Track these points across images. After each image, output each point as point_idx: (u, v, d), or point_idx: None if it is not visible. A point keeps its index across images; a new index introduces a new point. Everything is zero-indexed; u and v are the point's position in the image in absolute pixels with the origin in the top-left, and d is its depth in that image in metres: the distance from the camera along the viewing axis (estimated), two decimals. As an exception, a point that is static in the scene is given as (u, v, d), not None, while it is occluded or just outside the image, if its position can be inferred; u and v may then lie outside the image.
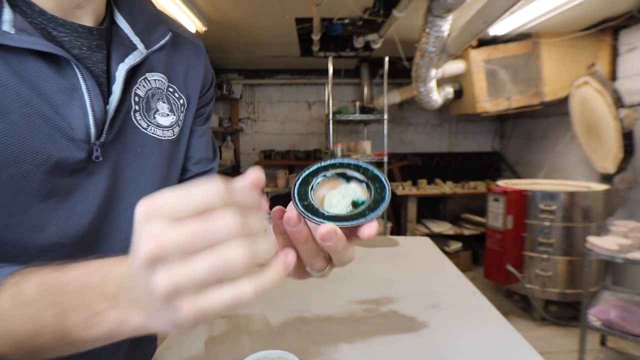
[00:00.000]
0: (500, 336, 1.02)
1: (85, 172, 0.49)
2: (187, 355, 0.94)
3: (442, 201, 5.05)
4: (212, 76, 0.68)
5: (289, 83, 5.30)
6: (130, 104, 0.53)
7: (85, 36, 0.48)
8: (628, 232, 2.32)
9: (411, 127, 5.35)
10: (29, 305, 0.32)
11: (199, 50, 0.65)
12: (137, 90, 0.54)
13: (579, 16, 2.98)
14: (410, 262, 1.66)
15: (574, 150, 3.72)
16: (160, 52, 0.56)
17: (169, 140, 0.58)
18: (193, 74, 0.62)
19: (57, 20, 0.45)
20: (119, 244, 0.54)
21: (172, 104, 0.58)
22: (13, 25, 0.42)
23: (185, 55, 0.62)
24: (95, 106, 0.47)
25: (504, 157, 5.18)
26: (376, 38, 3.43)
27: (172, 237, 0.26)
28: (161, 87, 0.57)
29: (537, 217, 3.01)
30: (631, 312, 2.07)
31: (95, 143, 0.48)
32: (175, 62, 0.60)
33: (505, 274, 3.08)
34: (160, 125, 0.57)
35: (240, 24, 3.36)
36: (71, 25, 0.46)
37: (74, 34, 0.47)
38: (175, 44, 0.60)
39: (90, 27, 0.48)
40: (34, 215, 0.45)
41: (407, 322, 1.10)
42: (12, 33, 0.41)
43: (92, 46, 0.49)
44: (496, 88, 3.63)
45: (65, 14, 0.46)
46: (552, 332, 2.91)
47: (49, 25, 0.45)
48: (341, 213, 0.36)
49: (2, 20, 0.41)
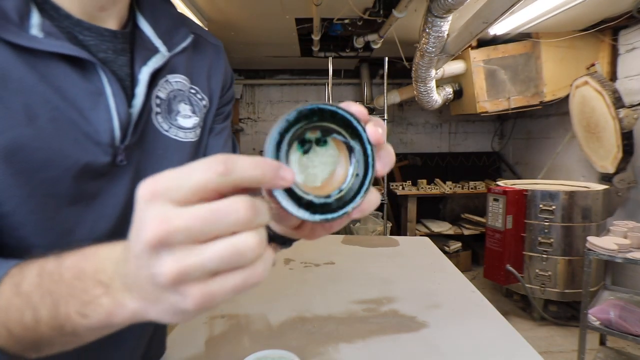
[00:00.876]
0: (500, 336, 1.02)
1: (110, 175, 0.49)
2: (187, 355, 0.94)
3: (442, 201, 5.05)
4: (232, 76, 0.68)
5: (289, 83, 5.30)
6: (151, 107, 0.52)
7: (110, 39, 0.48)
8: (627, 232, 2.32)
9: (411, 127, 5.35)
10: (27, 295, 0.32)
11: (219, 51, 0.65)
12: (159, 93, 0.53)
13: (579, 16, 2.98)
14: (410, 262, 1.66)
15: (573, 150, 3.72)
16: (182, 53, 0.56)
17: (191, 142, 0.57)
18: (214, 74, 0.62)
19: (83, 23, 0.46)
20: None
21: (194, 105, 0.58)
22: (41, 29, 0.42)
23: (206, 56, 0.62)
24: (120, 110, 0.47)
25: (504, 157, 5.19)
26: (376, 38, 3.43)
27: (180, 221, 0.24)
28: (183, 88, 0.57)
29: (536, 217, 3.01)
30: (631, 312, 2.07)
31: (119, 147, 0.48)
32: (197, 64, 0.60)
33: (505, 274, 3.09)
34: (182, 127, 0.56)
35: (240, 24, 3.36)
36: (97, 29, 0.47)
37: (100, 38, 0.47)
38: (197, 45, 0.60)
39: (115, 31, 0.49)
40: (63, 219, 0.45)
41: (407, 321, 1.11)
42: (41, 37, 0.41)
43: (117, 49, 0.49)
44: (496, 88, 3.63)
45: (90, 17, 0.46)
46: (551, 332, 2.91)
47: (75, 29, 0.45)
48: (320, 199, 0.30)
49: (31, 24, 0.41)
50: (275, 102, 5.33)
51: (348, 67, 5.09)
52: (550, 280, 2.99)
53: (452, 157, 5.29)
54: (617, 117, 2.82)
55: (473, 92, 3.66)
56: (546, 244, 2.99)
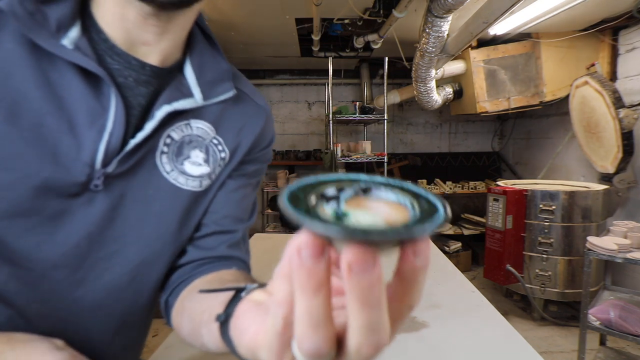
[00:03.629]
0: (500, 336, 1.02)
1: (81, 199, 0.47)
2: (187, 355, 0.94)
3: (442, 201, 5.05)
4: (270, 140, 0.65)
5: (289, 83, 5.30)
6: (156, 144, 0.51)
7: (136, 69, 0.48)
8: (627, 232, 2.32)
9: (411, 127, 5.35)
10: None
11: (261, 112, 0.62)
12: (172, 133, 0.52)
13: (579, 16, 2.98)
14: (410, 262, 1.65)
15: (573, 150, 3.73)
16: (217, 104, 0.55)
17: (191, 191, 0.54)
18: (247, 131, 0.60)
19: (115, 49, 0.47)
20: (100, 288, 0.50)
21: (210, 155, 0.56)
22: (73, 43, 0.43)
23: (243, 112, 0.60)
24: (115, 134, 0.46)
25: (504, 157, 5.19)
26: (376, 38, 3.43)
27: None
28: (204, 136, 0.55)
29: (536, 217, 3.01)
30: (631, 312, 2.07)
31: (98, 170, 0.46)
32: (231, 117, 0.58)
33: (505, 274, 3.09)
34: (186, 173, 0.54)
35: (240, 24, 3.36)
36: (126, 56, 0.47)
37: (125, 65, 0.48)
38: (238, 101, 0.59)
39: (144, 62, 0.49)
40: (24, 240, 0.45)
41: (407, 322, 1.10)
42: (67, 48, 0.43)
43: (140, 80, 0.49)
44: (496, 88, 3.63)
45: (131, 48, 0.47)
46: (551, 332, 2.91)
47: (106, 52, 0.47)
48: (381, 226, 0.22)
49: (66, 36, 0.43)
50: (275, 102, 5.33)
51: (348, 67, 5.09)
52: (550, 280, 2.99)
53: (452, 157, 5.29)
54: (617, 117, 2.82)
55: (473, 92, 3.66)
56: (546, 244, 2.99)
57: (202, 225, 0.58)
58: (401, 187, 0.25)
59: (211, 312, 0.40)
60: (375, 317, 0.22)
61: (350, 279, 0.21)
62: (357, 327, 0.22)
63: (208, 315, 0.41)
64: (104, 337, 0.54)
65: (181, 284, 0.56)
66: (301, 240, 0.21)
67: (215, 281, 0.52)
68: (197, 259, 0.57)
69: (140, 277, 0.53)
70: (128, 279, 0.52)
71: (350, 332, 0.22)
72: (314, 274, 0.21)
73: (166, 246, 0.54)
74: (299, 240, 0.22)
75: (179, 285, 0.56)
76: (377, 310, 0.21)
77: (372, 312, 0.21)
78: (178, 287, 0.56)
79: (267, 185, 4.84)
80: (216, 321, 0.38)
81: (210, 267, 0.57)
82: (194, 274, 0.56)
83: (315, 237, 0.21)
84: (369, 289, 0.21)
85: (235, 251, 0.59)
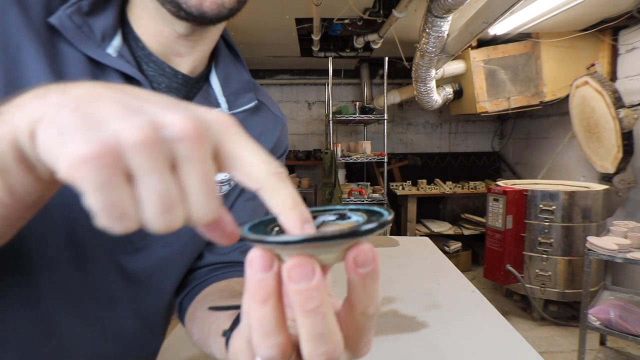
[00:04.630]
0: (500, 336, 1.02)
1: None
2: (187, 355, 0.94)
3: (442, 201, 5.05)
4: (285, 149, 0.69)
5: (289, 83, 5.30)
6: None
7: (169, 76, 0.51)
8: (627, 232, 2.32)
9: (411, 127, 5.35)
10: None
11: (278, 122, 0.66)
12: None
13: (579, 16, 2.98)
14: (410, 262, 1.66)
15: (573, 150, 3.73)
16: (239, 114, 0.58)
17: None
18: (263, 139, 0.63)
19: (152, 57, 0.50)
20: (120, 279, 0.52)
21: None
22: (116, 51, 0.47)
23: (262, 121, 0.63)
24: None
25: (504, 157, 5.19)
26: (376, 38, 3.43)
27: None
28: None
29: (536, 217, 3.01)
30: (631, 312, 2.07)
31: None
32: (250, 125, 0.60)
33: (505, 274, 3.09)
34: None
35: (240, 24, 3.36)
36: (160, 64, 0.50)
37: (159, 72, 0.51)
38: (257, 110, 0.62)
39: (176, 71, 0.51)
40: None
41: (407, 321, 1.11)
42: (113, 56, 0.46)
43: (171, 87, 0.52)
44: (496, 88, 3.63)
45: (166, 58, 0.51)
46: (551, 332, 2.91)
47: (143, 59, 0.50)
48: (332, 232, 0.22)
49: (110, 45, 0.46)
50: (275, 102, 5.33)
51: (348, 67, 5.09)
52: (550, 280, 2.99)
53: (452, 157, 5.29)
54: (617, 117, 2.82)
55: (473, 92, 3.66)
56: (546, 244, 2.99)
57: None
58: (364, 210, 0.27)
59: (219, 326, 0.43)
60: (320, 327, 0.22)
61: (290, 287, 0.22)
62: (305, 337, 0.23)
63: (216, 328, 0.44)
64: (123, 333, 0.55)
65: (196, 287, 0.59)
66: (252, 254, 0.24)
67: (225, 290, 0.55)
68: (212, 263, 0.60)
69: (159, 275, 0.55)
70: (148, 274, 0.54)
71: (301, 342, 0.23)
72: (263, 285, 0.23)
73: (186, 247, 0.56)
74: (251, 254, 0.24)
75: (193, 288, 0.59)
76: (321, 318, 0.22)
77: (315, 320, 0.22)
78: (193, 290, 0.59)
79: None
80: (222, 336, 0.40)
81: (223, 272, 0.60)
82: (208, 279, 0.59)
83: (264, 251, 0.24)
84: (309, 296, 0.22)
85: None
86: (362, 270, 0.23)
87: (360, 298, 0.24)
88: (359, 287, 0.24)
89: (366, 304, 0.24)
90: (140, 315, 0.56)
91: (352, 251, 0.23)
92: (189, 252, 0.57)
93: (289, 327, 0.25)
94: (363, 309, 0.24)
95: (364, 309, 0.24)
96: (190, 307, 0.56)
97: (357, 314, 0.24)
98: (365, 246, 0.23)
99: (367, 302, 0.24)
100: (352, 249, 0.23)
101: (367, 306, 0.24)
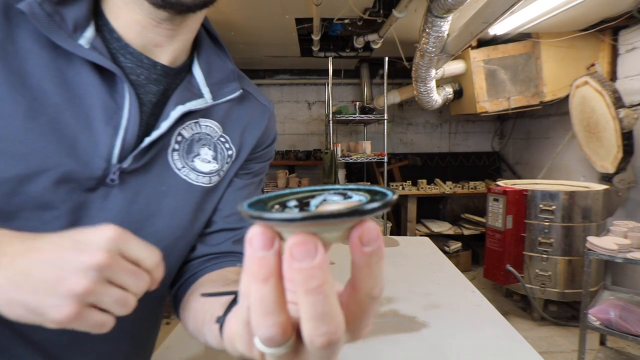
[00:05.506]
0: (500, 336, 1.02)
1: (99, 193, 0.48)
2: (187, 355, 0.94)
3: (442, 201, 5.05)
4: (274, 138, 0.68)
5: (289, 83, 5.30)
6: (169, 142, 0.53)
7: (147, 68, 0.50)
8: (627, 232, 2.32)
9: (411, 127, 5.35)
10: None
11: (265, 111, 0.65)
12: (182, 131, 0.54)
13: (579, 16, 2.98)
14: (410, 262, 1.66)
15: (573, 150, 3.73)
16: (224, 104, 0.58)
17: (202, 186, 0.57)
18: (251, 129, 0.62)
19: (129, 48, 0.49)
20: None
21: (218, 152, 0.58)
22: (89, 42, 0.45)
23: (248, 111, 0.62)
24: (130, 131, 0.47)
25: (504, 157, 5.19)
26: (376, 38, 3.43)
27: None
28: (211, 134, 0.57)
29: (536, 217, 3.01)
30: (631, 312, 2.07)
31: (114, 165, 0.47)
32: (236, 116, 0.60)
33: (505, 274, 3.09)
34: (196, 170, 0.56)
35: (240, 24, 3.36)
36: (138, 55, 0.49)
37: (137, 63, 0.49)
38: (243, 100, 0.62)
39: (155, 61, 0.50)
40: (30, 219, 0.45)
41: (407, 322, 1.11)
42: (84, 47, 0.45)
43: (151, 78, 0.51)
44: (496, 88, 3.63)
45: (143, 48, 0.49)
46: (551, 332, 2.91)
47: (119, 51, 0.49)
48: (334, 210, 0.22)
49: (82, 36, 0.45)
50: (275, 102, 5.33)
51: (348, 67, 5.09)
52: (550, 280, 2.99)
53: (452, 157, 5.29)
54: (617, 117, 2.82)
55: (473, 92, 3.66)
56: (546, 244, 2.99)
57: (211, 222, 0.61)
58: (366, 190, 0.27)
59: (213, 313, 0.43)
60: (321, 306, 0.22)
61: (292, 266, 0.21)
62: (306, 316, 0.22)
63: (210, 316, 0.44)
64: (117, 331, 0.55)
65: (189, 279, 0.59)
66: (253, 231, 0.23)
67: (219, 280, 0.54)
68: (204, 255, 0.60)
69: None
70: None
71: (302, 322, 0.23)
72: (264, 263, 0.23)
73: (178, 240, 0.56)
74: (251, 232, 0.23)
75: (187, 280, 0.59)
76: (323, 297, 0.22)
77: (317, 300, 0.22)
78: (186, 282, 0.59)
79: (267, 185, 4.84)
80: (216, 323, 0.40)
81: (216, 262, 0.60)
82: (201, 270, 0.59)
83: (265, 229, 0.23)
84: (311, 275, 0.21)
85: (239, 247, 0.62)
86: (367, 248, 0.22)
87: (365, 279, 0.23)
88: (364, 268, 0.23)
89: (371, 284, 0.23)
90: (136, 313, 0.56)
91: (356, 229, 0.22)
92: (182, 245, 0.57)
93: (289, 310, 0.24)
94: (368, 290, 0.24)
95: (369, 290, 0.24)
96: (184, 298, 0.56)
97: (362, 296, 0.24)
98: (370, 224, 0.22)
99: (372, 282, 0.23)
100: (357, 227, 0.22)
101: (373, 287, 0.23)
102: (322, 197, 0.27)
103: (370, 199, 0.25)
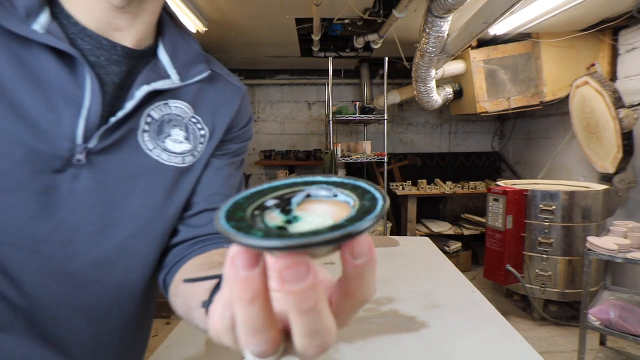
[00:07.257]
0: (500, 336, 1.02)
1: (67, 175, 0.49)
2: (187, 355, 0.94)
3: (442, 201, 5.05)
4: (249, 119, 0.68)
5: (289, 83, 5.30)
6: (138, 123, 0.53)
7: (107, 49, 0.50)
8: (627, 232, 2.32)
9: (411, 127, 5.35)
10: None
11: (238, 93, 0.65)
12: (152, 112, 0.54)
13: (579, 16, 2.98)
14: (410, 262, 1.66)
15: (573, 150, 3.73)
16: (193, 85, 0.58)
17: (175, 166, 0.57)
18: (223, 110, 0.62)
19: (87, 31, 0.49)
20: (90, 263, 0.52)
21: (190, 132, 0.58)
22: (44, 27, 0.45)
23: (220, 92, 0.62)
24: (93, 111, 0.48)
25: (504, 157, 5.19)
26: (376, 38, 3.43)
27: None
28: (182, 114, 0.58)
29: (536, 217, 3.01)
30: (631, 312, 2.07)
31: (79, 145, 0.48)
32: (207, 97, 0.61)
33: (505, 274, 3.09)
34: (168, 150, 0.56)
35: (240, 24, 3.36)
36: (97, 37, 0.49)
37: (96, 45, 0.50)
38: (213, 81, 0.62)
39: (114, 43, 0.50)
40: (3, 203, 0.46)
41: (407, 322, 1.11)
42: (39, 32, 0.45)
43: (112, 59, 0.51)
44: (496, 88, 3.63)
45: (103, 32, 0.50)
46: (551, 332, 2.91)
47: (77, 35, 0.49)
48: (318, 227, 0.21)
49: (36, 21, 0.45)
50: (275, 102, 5.33)
51: (348, 67, 5.09)
52: (550, 280, 2.99)
53: (452, 157, 5.29)
54: (617, 117, 2.82)
55: (473, 92, 3.66)
56: (546, 244, 2.99)
57: (192, 204, 0.61)
58: (352, 186, 0.25)
59: (199, 298, 0.42)
60: (314, 324, 0.21)
61: (284, 289, 0.20)
62: (299, 332, 0.22)
63: (197, 300, 0.43)
64: (99, 312, 0.56)
65: (177, 264, 0.58)
66: (234, 250, 0.21)
67: (205, 263, 0.54)
68: (190, 238, 0.60)
69: (130, 251, 0.55)
70: (117, 253, 0.54)
71: (294, 335, 0.22)
72: (249, 283, 0.21)
73: (152, 221, 0.56)
74: (233, 250, 0.21)
75: (175, 264, 0.59)
76: (316, 316, 0.21)
77: (310, 319, 0.21)
78: (174, 266, 0.58)
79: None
80: (202, 307, 0.39)
81: (201, 246, 0.59)
82: (188, 254, 0.58)
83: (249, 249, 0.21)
84: (304, 297, 0.20)
85: None
86: (359, 261, 0.21)
87: (359, 288, 0.23)
88: (356, 279, 0.22)
89: (364, 293, 0.23)
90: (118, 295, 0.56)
91: (347, 244, 0.21)
92: (158, 226, 0.57)
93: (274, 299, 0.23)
94: (361, 298, 0.23)
95: (363, 298, 0.23)
96: (172, 284, 0.56)
97: (355, 301, 0.23)
98: (360, 237, 0.21)
99: (366, 291, 0.23)
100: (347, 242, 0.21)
101: (366, 295, 0.23)
102: (305, 193, 0.25)
103: (359, 204, 0.23)
